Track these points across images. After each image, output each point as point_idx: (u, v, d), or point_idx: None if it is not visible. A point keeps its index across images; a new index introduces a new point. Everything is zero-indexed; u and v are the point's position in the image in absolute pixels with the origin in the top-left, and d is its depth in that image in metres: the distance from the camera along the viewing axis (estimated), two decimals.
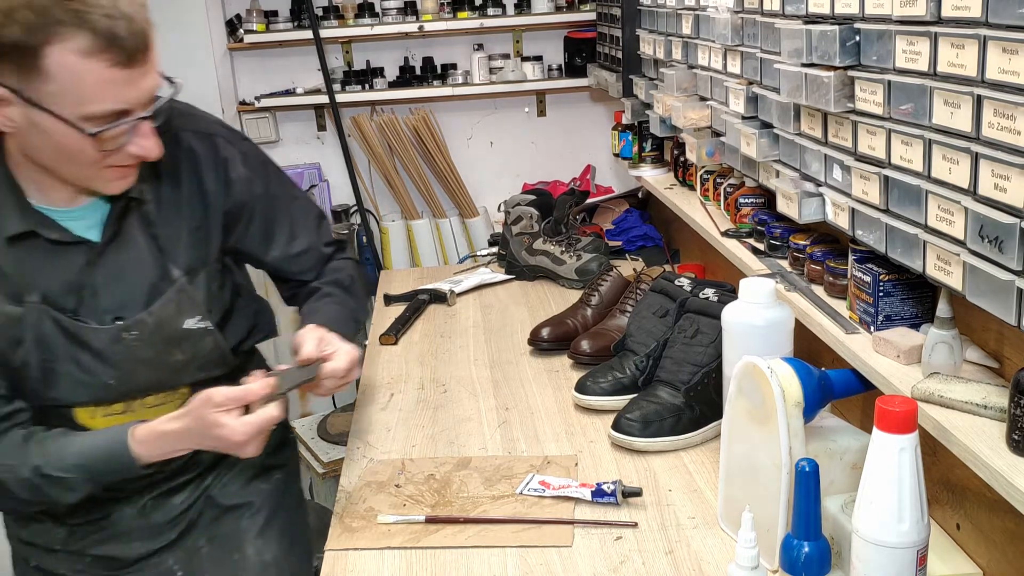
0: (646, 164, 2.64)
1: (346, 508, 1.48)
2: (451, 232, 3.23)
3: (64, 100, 1.16)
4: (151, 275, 1.38)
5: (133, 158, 1.27)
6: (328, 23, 3.00)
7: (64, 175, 1.28)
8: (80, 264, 1.34)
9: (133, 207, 1.36)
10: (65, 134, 1.19)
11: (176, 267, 1.40)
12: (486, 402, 1.83)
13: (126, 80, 1.18)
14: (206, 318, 1.41)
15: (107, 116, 1.19)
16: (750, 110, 1.64)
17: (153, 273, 1.38)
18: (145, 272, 1.38)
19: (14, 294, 1.31)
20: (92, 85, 1.16)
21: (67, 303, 1.34)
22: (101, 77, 1.16)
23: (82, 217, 1.34)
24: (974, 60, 0.96)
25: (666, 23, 2.13)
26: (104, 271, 1.35)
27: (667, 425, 1.58)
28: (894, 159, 1.15)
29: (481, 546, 1.35)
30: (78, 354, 1.36)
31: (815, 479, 1.08)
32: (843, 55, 1.23)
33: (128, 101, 1.21)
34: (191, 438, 1.30)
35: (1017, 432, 1.01)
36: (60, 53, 1.13)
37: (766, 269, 1.65)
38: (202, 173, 1.42)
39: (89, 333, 1.35)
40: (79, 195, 1.33)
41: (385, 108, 3.16)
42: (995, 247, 0.95)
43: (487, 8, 3.05)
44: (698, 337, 1.64)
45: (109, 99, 1.18)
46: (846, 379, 1.31)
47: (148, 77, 1.23)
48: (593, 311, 2.08)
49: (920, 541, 1.04)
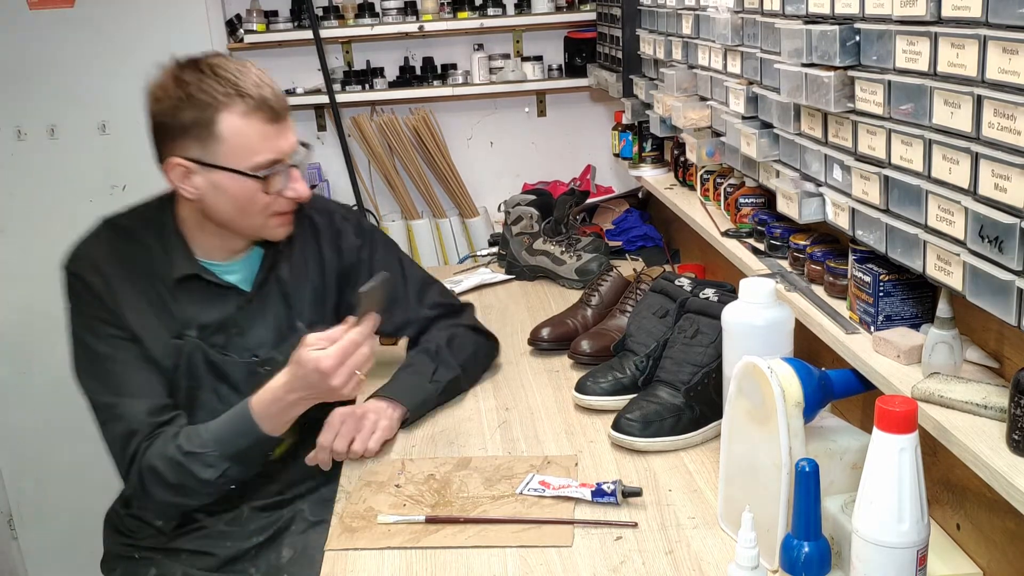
0: (646, 164, 2.63)
1: (346, 508, 1.48)
2: (451, 232, 3.23)
3: (237, 155, 1.53)
4: (282, 323, 1.71)
5: (290, 203, 1.61)
6: (328, 23, 3.00)
7: (240, 227, 1.62)
8: (232, 308, 1.67)
9: (274, 267, 1.70)
10: (241, 184, 1.54)
11: (300, 319, 1.72)
12: (486, 402, 1.83)
13: (276, 133, 1.56)
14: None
15: (267, 164, 1.55)
16: (750, 110, 1.64)
17: (283, 322, 1.71)
18: (278, 320, 1.71)
19: (176, 329, 1.63)
20: (255, 138, 1.53)
21: (217, 340, 1.66)
22: (260, 132, 1.53)
23: (236, 271, 1.69)
24: (974, 60, 0.96)
25: (666, 23, 2.13)
26: (249, 315, 1.69)
27: (667, 425, 1.58)
28: (894, 159, 1.15)
29: (481, 546, 1.35)
30: (218, 385, 1.66)
31: (815, 479, 1.08)
32: (843, 55, 1.23)
33: (281, 151, 1.57)
34: (295, 386, 1.50)
35: (1017, 432, 1.01)
36: (228, 119, 1.51)
37: (766, 269, 1.65)
38: (321, 242, 1.77)
39: (230, 366, 1.66)
40: (235, 253, 1.68)
41: (385, 108, 3.16)
42: (995, 247, 0.95)
43: (487, 8, 3.05)
44: (698, 337, 1.64)
45: (267, 149, 1.54)
46: (846, 379, 1.31)
47: (291, 132, 1.60)
48: (593, 311, 2.08)
49: (920, 541, 1.04)
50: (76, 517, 3.21)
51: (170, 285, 1.63)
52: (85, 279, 1.62)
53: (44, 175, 3.05)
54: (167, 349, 1.62)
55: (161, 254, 1.64)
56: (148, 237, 1.65)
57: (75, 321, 1.65)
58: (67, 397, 3.14)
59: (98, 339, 1.61)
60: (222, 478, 1.56)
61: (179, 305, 1.63)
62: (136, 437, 1.57)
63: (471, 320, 1.94)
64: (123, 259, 1.63)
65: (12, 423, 3.20)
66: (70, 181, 3.06)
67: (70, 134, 3.03)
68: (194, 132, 1.52)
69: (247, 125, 1.52)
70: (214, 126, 1.51)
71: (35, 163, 3.03)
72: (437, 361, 1.79)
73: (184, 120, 1.51)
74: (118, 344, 1.61)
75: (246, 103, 1.51)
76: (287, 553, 1.72)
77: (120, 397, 1.59)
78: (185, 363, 1.63)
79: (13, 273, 3.09)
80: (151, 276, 1.63)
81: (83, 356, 1.64)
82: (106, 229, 1.68)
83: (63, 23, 2.94)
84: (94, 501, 3.15)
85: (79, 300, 1.64)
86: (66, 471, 3.24)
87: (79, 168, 3.05)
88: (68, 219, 3.06)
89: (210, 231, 1.63)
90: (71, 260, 1.66)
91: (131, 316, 1.60)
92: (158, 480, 1.56)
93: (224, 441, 1.55)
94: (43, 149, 3.03)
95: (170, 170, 1.57)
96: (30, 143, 3.02)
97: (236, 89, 1.51)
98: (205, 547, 1.70)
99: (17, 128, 3.01)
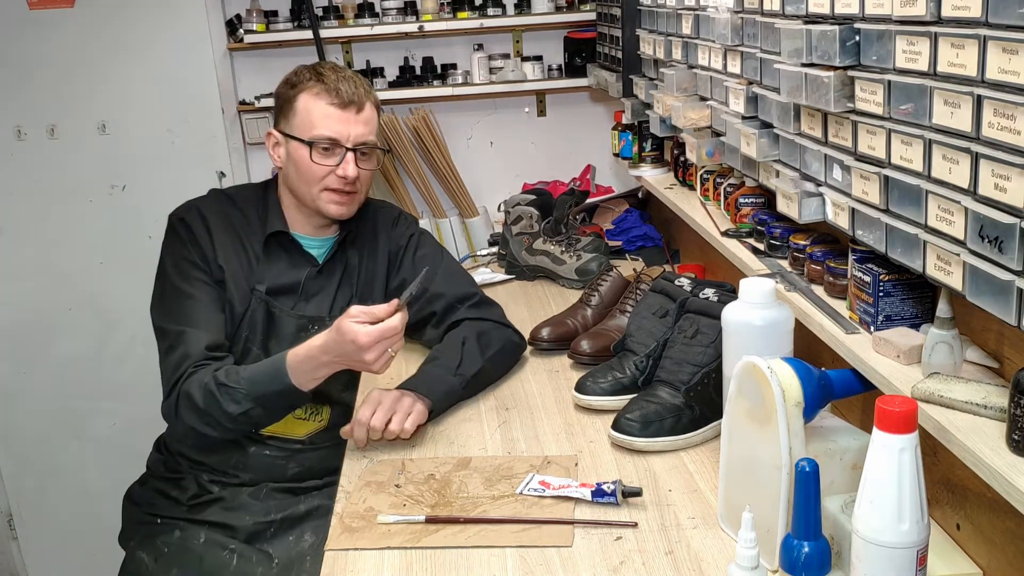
0: (646, 164, 2.63)
1: (346, 508, 1.48)
2: (451, 232, 3.22)
3: (303, 126, 1.82)
4: (341, 298, 1.91)
5: (340, 181, 1.82)
6: (328, 23, 3.00)
7: (302, 195, 1.86)
8: (303, 274, 1.89)
9: (344, 247, 1.94)
10: (298, 150, 1.82)
11: (356, 298, 1.91)
12: (486, 402, 1.83)
13: (341, 118, 1.81)
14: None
15: (324, 139, 1.80)
16: (750, 110, 1.64)
17: (344, 298, 1.91)
18: (341, 294, 1.92)
19: (251, 282, 1.85)
20: (318, 115, 1.81)
21: (284, 301, 1.87)
22: (324, 111, 1.80)
23: (317, 246, 1.93)
24: (974, 60, 0.96)
25: (666, 23, 2.13)
26: (316, 284, 1.91)
27: (667, 425, 1.58)
28: (894, 159, 1.15)
29: (481, 546, 1.35)
30: (270, 341, 1.85)
31: (815, 479, 1.08)
32: (843, 55, 1.23)
33: (339, 134, 1.81)
34: (331, 348, 1.61)
35: (1017, 432, 1.01)
36: (304, 97, 1.82)
37: (766, 269, 1.65)
38: (379, 232, 2.00)
39: (284, 319, 1.86)
40: (318, 229, 1.92)
41: (385, 108, 3.16)
42: (995, 247, 0.95)
43: (487, 8, 3.05)
44: (698, 337, 1.64)
45: (326, 127, 1.80)
46: (846, 379, 1.31)
47: (360, 124, 1.83)
48: (593, 311, 2.08)
49: (920, 541, 1.03)
50: (76, 517, 3.22)
51: (259, 244, 1.88)
52: (188, 223, 1.85)
53: (44, 175, 3.05)
54: (243, 297, 1.83)
55: (256, 220, 1.90)
56: (248, 206, 1.92)
57: (167, 262, 1.86)
58: (67, 397, 3.18)
59: (184, 279, 1.82)
60: (244, 416, 1.67)
61: (263, 264, 1.87)
62: (188, 361, 1.73)
63: (501, 317, 1.98)
64: (225, 215, 1.89)
65: (12, 423, 3.20)
66: (70, 181, 3.06)
67: (70, 134, 3.03)
68: (285, 108, 1.85)
69: (315, 103, 1.81)
70: (295, 102, 1.82)
71: (35, 163, 3.03)
72: (463, 354, 1.82)
73: (281, 98, 1.86)
74: (201, 286, 1.82)
75: (320, 85, 1.80)
76: (309, 538, 1.81)
77: (187, 327, 1.76)
78: (250, 314, 1.83)
79: (13, 273, 3.09)
80: (245, 234, 1.89)
81: (165, 292, 1.84)
82: (215, 193, 1.96)
83: (63, 23, 2.93)
84: (94, 501, 3.17)
85: (177, 243, 1.85)
86: (66, 471, 3.25)
87: (79, 168, 3.05)
88: (68, 219, 3.09)
89: (296, 206, 1.89)
90: (179, 210, 1.90)
91: (222, 261, 1.83)
92: (190, 403, 1.69)
93: (256, 382, 1.67)
94: (43, 149, 3.03)
95: (268, 140, 1.89)
96: (30, 143, 3.02)
97: (317, 76, 1.82)
98: (226, 519, 1.81)
99: (17, 128, 3.01)
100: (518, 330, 1.99)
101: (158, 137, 3.06)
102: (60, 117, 3.01)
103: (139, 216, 3.05)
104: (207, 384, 1.68)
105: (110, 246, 3.12)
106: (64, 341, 3.16)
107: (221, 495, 1.84)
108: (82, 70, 2.98)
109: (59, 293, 3.13)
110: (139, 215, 3.06)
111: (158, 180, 3.05)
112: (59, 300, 3.14)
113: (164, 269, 1.85)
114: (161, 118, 3.04)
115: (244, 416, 1.67)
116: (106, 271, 3.13)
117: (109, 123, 3.04)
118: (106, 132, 3.05)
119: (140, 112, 3.04)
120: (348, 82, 1.82)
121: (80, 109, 3.01)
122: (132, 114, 3.04)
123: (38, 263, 3.11)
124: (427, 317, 1.95)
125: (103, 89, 3.00)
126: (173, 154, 3.07)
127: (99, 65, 2.98)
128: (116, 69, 2.98)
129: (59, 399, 3.20)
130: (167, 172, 3.06)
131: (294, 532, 1.82)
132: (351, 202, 1.87)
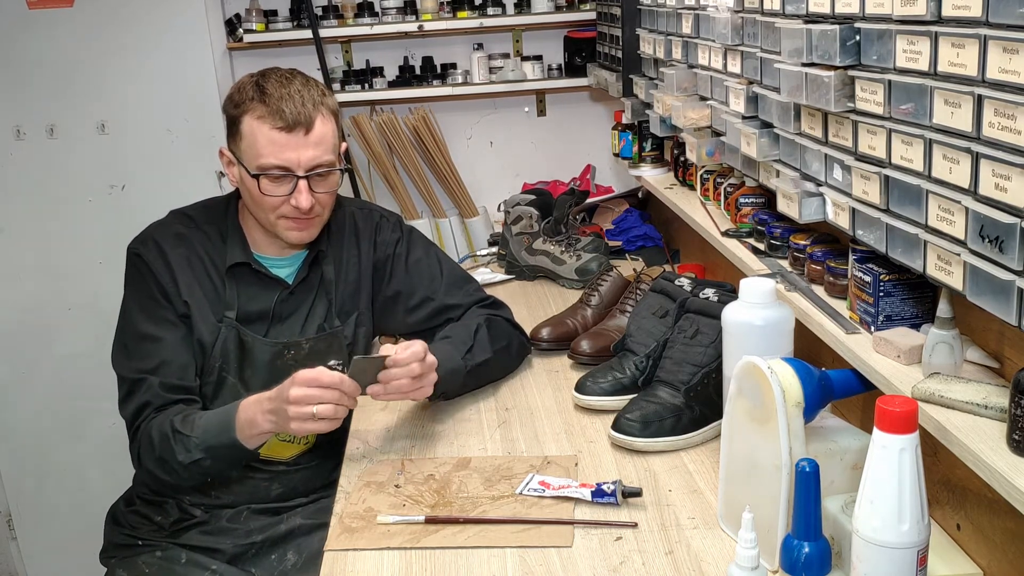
0: (646, 164, 2.63)
1: (345, 508, 1.47)
2: (451, 232, 3.22)
3: (248, 153, 1.67)
4: (319, 317, 1.81)
5: (294, 210, 1.68)
6: (328, 23, 3.00)
7: (260, 221, 1.74)
8: (274, 298, 1.78)
9: (317, 264, 1.82)
10: (249, 182, 1.68)
11: (337, 316, 1.82)
12: (486, 402, 1.83)
13: (285, 144, 1.64)
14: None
15: (270, 168, 1.65)
16: (750, 110, 1.64)
17: (320, 315, 1.81)
18: (316, 313, 1.81)
19: (218, 312, 1.74)
20: (262, 142, 1.64)
21: (256, 327, 1.76)
22: (268, 137, 1.64)
23: (285, 266, 1.81)
24: (974, 60, 0.95)
25: (666, 23, 2.12)
26: (289, 306, 1.80)
27: (667, 425, 1.58)
28: (894, 159, 1.15)
29: (481, 546, 1.35)
30: (244, 370, 1.76)
31: (815, 479, 1.07)
32: (843, 55, 1.23)
33: (288, 161, 1.65)
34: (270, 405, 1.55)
35: (1017, 432, 1.01)
36: (248, 121, 1.65)
37: (766, 269, 1.65)
38: (360, 240, 1.87)
39: (258, 345, 1.75)
40: (284, 249, 1.79)
41: (385, 108, 3.16)
42: (995, 247, 0.94)
43: (487, 8, 3.05)
44: (698, 337, 1.63)
45: (272, 155, 1.64)
46: (846, 379, 1.31)
47: (307, 149, 1.66)
48: (593, 311, 2.08)
49: (920, 541, 1.03)
50: (76, 517, 3.22)
51: (223, 271, 1.76)
52: (146, 258, 1.75)
53: (43, 175, 3.04)
54: (212, 328, 1.74)
55: (219, 243, 1.78)
56: (210, 227, 1.80)
57: (129, 298, 1.77)
58: (67, 397, 3.18)
59: (147, 318, 1.73)
60: (195, 466, 1.62)
61: (228, 291, 1.76)
62: (149, 408, 1.68)
63: (511, 317, 1.97)
64: (184, 243, 1.77)
65: (12, 423, 3.19)
66: (69, 181, 3.05)
67: (69, 134, 3.03)
68: (231, 129, 1.70)
69: (259, 127, 1.65)
70: (240, 124, 1.67)
71: (34, 163, 3.03)
72: (474, 340, 1.81)
73: (227, 117, 1.71)
74: (165, 325, 1.73)
75: (262, 107, 1.64)
76: (292, 557, 1.75)
77: (147, 375, 1.69)
78: (221, 343, 1.74)
79: (13, 273, 3.09)
80: (208, 261, 1.77)
81: (127, 332, 1.75)
82: (172, 217, 1.84)
83: (63, 23, 2.93)
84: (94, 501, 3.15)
85: (137, 278, 1.76)
86: (66, 471, 3.24)
87: (78, 168, 3.05)
88: (67, 219, 3.09)
89: (258, 227, 1.78)
90: (136, 241, 1.79)
91: (185, 296, 1.73)
92: (149, 448, 1.66)
93: (207, 431, 1.62)
94: (42, 149, 3.03)
95: (221, 159, 1.75)
96: (30, 143, 3.02)
97: (260, 94, 1.65)
98: (207, 543, 1.75)
99: (17, 128, 3.01)
100: (526, 332, 1.99)
101: (157, 137, 3.05)
102: (59, 117, 3.01)
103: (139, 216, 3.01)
104: (164, 430, 1.64)
105: (110, 246, 3.10)
106: (64, 341, 3.16)
107: (203, 519, 1.77)
108: (81, 70, 2.97)
109: (59, 293, 3.13)
110: (139, 215, 3.01)
111: (157, 180, 3.05)
112: (59, 300, 3.13)
113: (126, 309, 1.76)
114: (161, 118, 3.04)
115: (195, 466, 1.62)
116: (106, 271, 3.12)
117: (108, 123, 3.04)
118: (105, 132, 3.04)
119: (139, 112, 3.03)
120: (293, 99, 1.63)
121: (79, 109, 3.00)
122: (131, 114, 3.03)
123: (38, 263, 3.10)
124: (443, 324, 1.90)
125: (102, 89, 2.99)
126: (172, 154, 3.06)
127: (98, 65, 2.98)
128: (115, 69, 2.98)
129: (59, 399, 3.19)
130: (166, 172, 3.05)
131: (276, 552, 1.76)
132: (311, 226, 1.74)
